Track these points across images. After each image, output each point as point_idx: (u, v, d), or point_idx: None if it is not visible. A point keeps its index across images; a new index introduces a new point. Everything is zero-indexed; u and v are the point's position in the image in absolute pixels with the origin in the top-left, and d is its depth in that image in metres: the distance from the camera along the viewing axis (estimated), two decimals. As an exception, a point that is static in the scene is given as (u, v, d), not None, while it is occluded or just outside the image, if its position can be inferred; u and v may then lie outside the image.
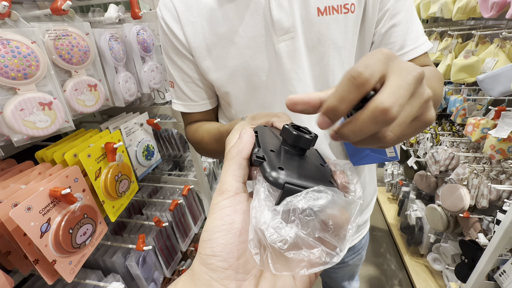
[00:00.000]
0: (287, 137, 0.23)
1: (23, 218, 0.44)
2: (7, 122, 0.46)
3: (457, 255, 1.32)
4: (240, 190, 0.22)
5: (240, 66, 0.49)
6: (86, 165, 0.58)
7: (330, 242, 0.18)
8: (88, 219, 0.57)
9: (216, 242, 0.19)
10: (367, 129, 0.18)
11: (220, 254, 0.19)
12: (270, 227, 0.17)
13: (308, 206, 0.18)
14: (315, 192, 0.18)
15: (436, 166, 1.36)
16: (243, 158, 0.24)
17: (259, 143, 0.24)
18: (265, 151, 0.22)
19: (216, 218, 0.20)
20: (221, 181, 0.22)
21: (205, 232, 0.20)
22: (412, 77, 0.19)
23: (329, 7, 0.44)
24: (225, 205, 0.20)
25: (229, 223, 0.20)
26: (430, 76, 0.46)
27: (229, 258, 0.19)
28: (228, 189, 0.21)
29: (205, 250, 0.19)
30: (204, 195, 1.08)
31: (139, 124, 0.81)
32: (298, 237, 0.17)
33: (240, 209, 0.20)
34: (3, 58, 0.44)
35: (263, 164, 0.20)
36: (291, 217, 0.18)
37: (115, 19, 0.70)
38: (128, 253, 0.78)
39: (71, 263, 0.54)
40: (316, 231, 0.18)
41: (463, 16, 1.19)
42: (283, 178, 0.19)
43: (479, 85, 1.03)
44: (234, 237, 0.19)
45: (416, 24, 0.48)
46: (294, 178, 0.19)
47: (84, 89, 0.59)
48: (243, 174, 0.23)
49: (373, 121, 0.18)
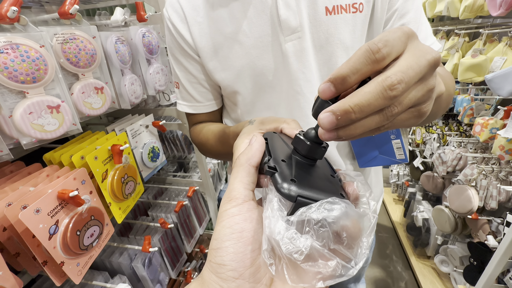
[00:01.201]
0: (299, 147, 0.23)
1: (32, 220, 0.44)
2: (16, 125, 0.47)
3: (465, 257, 1.30)
4: (248, 198, 0.22)
5: (246, 66, 0.49)
6: (93, 167, 0.58)
7: (345, 254, 0.18)
8: (95, 221, 0.57)
9: (226, 251, 0.19)
10: (374, 103, 0.17)
11: (230, 263, 0.18)
12: (285, 238, 0.17)
13: (323, 217, 0.17)
14: (329, 204, 0.18)
15: (443, 167, 1.34)
16: (252, 166, 0.23)
17: (269, 152, 0.24)
18: (276, 161, 0.22)
19: (225, 226, 0.20)
20: (229, 188, 0.22)
21: (215, 240, 0.20)
22: (425, 60, 0.18)
23: (337, 6, 0.44)
24: (234, 213, 0.20)
25: (239, 232, 0.19)
26: (443, 73, 0.45)
27: (239, 267, 0.18)
28: (236, 196, 0.21)
29: (215, 259, 0.19)
30: (209, 196, 1.08)
31: (144, 126, 0.81)
32: (313, 248, 0.17)
33: (249, 217, 0.20)
34: (13, 62, 0.44)
35: (275, 175, 0.20)
36: (306, 228, 0.18)
37: (121, 22, 0.70)
38: (134, 254, 0.79)
39: (79, 265, 0.54)
40: (330, 243, 0.18)
41: (470, 15, 1.17)
42: (295, 190, 0.19)
43: (487, 84, 1.01)
44: (244, 246, 0.19)
45: (425, 25, 0.47)
46: (306, 190, 0.19)
47: (91, 92, 0.60)
48: (252, 182, 0.23)
49: (380, 94, 0.17)
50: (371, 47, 0.18)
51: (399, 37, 0.18)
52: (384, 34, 0.18)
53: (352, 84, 0.19)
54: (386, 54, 0.18)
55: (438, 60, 0.19)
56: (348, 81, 0.18)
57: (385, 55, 0.18)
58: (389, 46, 0.18)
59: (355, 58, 0.18)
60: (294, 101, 0.49)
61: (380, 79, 0.17)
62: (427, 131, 1.66)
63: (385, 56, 0.18)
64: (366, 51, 0.18)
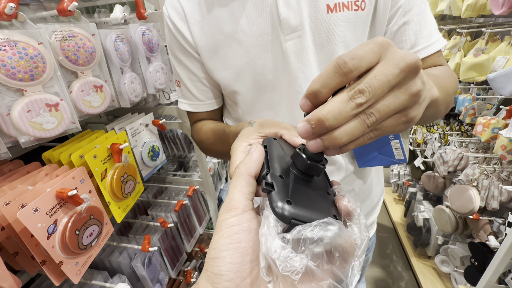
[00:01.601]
0: (298, 164, 0.23)
1: (30, 220, 0.44)
2: (14, 124, 0.46)
3: (466, 258, 1.30)
4: (248, 208, 0.22)
5: (246, 65, 0.48)
6: (92, 166, 0.58)
7: (337, 275, 0.19)
8: (94, 220, 0.57)
9: (223, 261, 0.19)
10: (344, 110, 0.18)
11: (227, 274, 0.18)
12: (281, 257, 0.17)
13: (318, 237, 0.18)
14: (324, 224, 0.18)
15: (444, 167, 1.34)
16: (251, 176, 0.24)
17: (268, 163, 0.24)
18: (274, 176, 0.22)
19: (223, 236, 0.20)
20: (229, 198, 0.22)
21: (212, 250, 0.20)
22: (397, 67, 0.18)
23: (339, 4, 0.43)
24: (233, 223, 0.20)
25: (237, 242, 0.19)
26: (442, 75, 0.44)
27: (236, 278, 0.18)
28: (236, 206, 0.21)
29: (212, 269, 0.19)
30: (209, 196, 1.07)
31: (144, 125, 0.80)
32: (308, 268, 0.17)
33: (248, 228, 0.20)
34: (10, 59, 0.44)
35: (271, 194, 0.20)
36: (301, 247, 0.18)
37: (121, 19, 0.69)
38: (134, 254, 0.78)
39: (78, 264, 0.54)
40: (324, 263, 0.18)
41: (473, 14, 1.17)
42: (290, 212, 0.19)
43: (489, 84, 1.01)
44: (242, 257, 0.19)
45: (430, 21, 0.46)
46: (301, 211, 0.19)
47: (90, 90, 0.59)
48: (251, 192, 0.23)
49: (347, 102, 0.18)
50: (338, 62, 0.18)
51: (370, 49, 0.19)
52: (355, 48, 0.19)
53: (325, 98, 0.20)
54: (353, 67, 0.18)
55: (414, 65, 0.19)
56: (320, 95, 0.20)
57: (352, 69, 0.18)
58: (357, 59, 0.18)
59: (325, 73, 0.19)
60: (295, 100, 0.49)
61: (347, 88, 0.19)
62: (428, 130, 1.65)
63: (352, 69, 0.18)
64: (334, 66, 0.19)
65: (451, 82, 0.45)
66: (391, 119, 0.20)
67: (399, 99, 0.19)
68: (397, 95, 0.19)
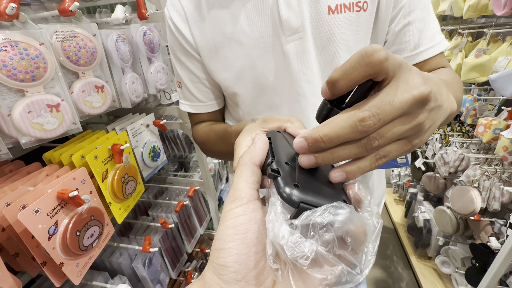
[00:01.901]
0: None
1: (31, 221, 0.44)
2: (15, 124, 0.46)
3: (467, 259, 1.29)
4: (253, 198, 0.21)
5: (247, 67, 0.48)
6: (93, 166, 0.58)
7: (350, 260, 0.18)
8: (95, 221, 0.56)
9: (229, 252, 0.18)
10: (343, 135, 0.18)
11: (233, 265, 0.18)
12: (289, 242, 0.17)
13: (328, 221, 0.17)
14: (334, 208, 0.18)
15: (445, 168, 1.34)
16: (256, 165, 0.23)
17: (273, 152, 0.23)
18: (279, 163, 0.21)
19: (229, 226, 0.19)
20: (233, 188, 0.22)
21: (218, 241, 0.19)
22: (411, 96, 0.18)
23: (340, 5, 0.43)
24: (238, 213, 0.20)
25: (243, 233, 0.19)
26: (450, 80, 0.43)
27: (242, 269, 0.18)
28: (241, 196, 0.21)
29: (217, 260, 0.19)
30: (210, 196, 1.07)
31: (145, 125, 0.80)
32: (318, 253, 0.17)
33: (254, 218, 0.20)
34: (12, 60, 0.44)
35: (278, 180, 0.20)
36: (310, 232, 0.17)
37: (122, 20, 0.69)
38: (135, 254, 0.78)
39: (79, 266, 0.53)
40: (335, 248, 0.17)
41: (474, 14, 1.16)
42: (298, 196, 0.18)
43: (491, 84, 1.00)
44: (248, 248, 0.19)
45: (433, 22, 0.46)
46: (309, 196, 0.19)
47: (91, 90, 0.59)
48: (256, 181, 0.22)
49: (349, 128, 0.18)
50: (365, 50, 0.17)
51: (393, 57, 0.18)
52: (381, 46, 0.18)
53: (345, 88, 0.19)
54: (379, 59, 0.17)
55: (426, 97, 0.18)
56: (338, 86, 0.19)
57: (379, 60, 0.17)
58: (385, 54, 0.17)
59: (349, 61, 0.18)
60: (296, 102, 0.49)
61: (353, 112, 0.18)
62: (429, 131, 1.64)
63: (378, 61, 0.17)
64: (359, 55, 0.17)
65: (459, 88, 0.44)
66: (395, 144, 0.20)
67: (406, 127, 0.19)
68: (404, 123, 0.19)
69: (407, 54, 0.47)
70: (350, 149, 0.19)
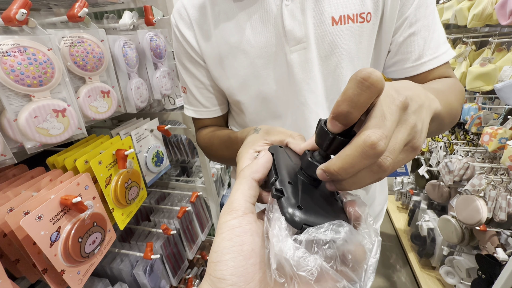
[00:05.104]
0: (308, 169, 0.23)
1: (33, 227, 0.43)
2: (21, 129, 0.46)
3: (472, 269, 1.27)
4: (249, 211, 0.21)
5: (251, 76, 0.48)
6: (97, 172, 0.57)
7: (351, 277, 0.18)
8: (97, 227, 0.56)
9: (226, 264, 0.18)
10: (358, 164, 0.18)
11: (230, 278, 0.18)
12: (295, 257, 0.17)
13: (331, 238, 0.18)
14: (336, 226, 0.19)
15: (449, 176, 1.32)
16: (256, 180, 0.24)
17: (276, 170, 0.24)
18: (282, 183, 0.22)
19: (225, 238, 0.20)
20: (230, 199, 0.22)
21: (214, 253, 0.19)
22: (395, 106, 0.19)
23: (344, 16, 0.43)
24: (234, 225, 0.20)
25: (239, 245, 0.19)
26: (445, 88, 0.42)
27: (239, 282, 0.18)
28: (237, 208, 0.21)
29: (215, 273, 0.19)
30: (212, 202, 1.06)
31: (149, 130, 0.80)
32: (323, 268, 0.17)
33: (249, 230, 0.20)
34: (20, 65, 0.44)
35: (282, 201, 0.21)
36: (314, 248, 0.18)
37: (130, 25, 0.70)
38: (136, 261, 0.77)
39: (80, 273, 0.52)
40: (338, 264, 0.18)
41: (479, 23, 1.17)
42: (301, 217, 0.19)
43: (497, 93, 1.00)
44: (244, 260, 0.19)
45: (438, 32, 0.46)
46: (311, 217, 0.19)
47: (97, 95, 0.59)
48: (254, 196, 0.23)
49: (363, 155, 0.18)
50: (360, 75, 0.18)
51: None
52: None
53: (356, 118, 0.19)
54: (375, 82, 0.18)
55: (404, 102, 0.20)
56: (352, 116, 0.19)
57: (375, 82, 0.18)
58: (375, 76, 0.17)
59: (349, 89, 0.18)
60: (299, 111, 0.49)
61: (360, 140, 0.18)
62: (433, 139, 1.64)
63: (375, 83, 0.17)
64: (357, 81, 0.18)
65: (455, 95, 0.43)
66: (402, 154, 0.20)
67: (405, 134, 0.20)
68: (402, 131, 0.20)
69: (410, 64, 0.46)
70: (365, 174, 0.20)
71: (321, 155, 0.23)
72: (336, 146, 0.20)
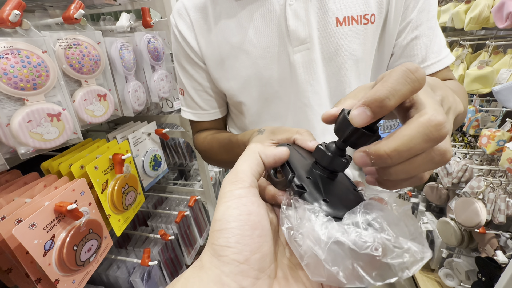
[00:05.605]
0: (323, 160, 0.22)
1: (26, 236, 0.41)
2: (14, 134, 0.44)
3: (471, 272, 1.27)
4: (254, 184, 0.20)
5: (253, 76, 0.48)
6: (93, 177, 0.56)
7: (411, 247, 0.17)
8: (93, 235, 0.54)
9: (231, 232, 0.17)
10: (416, 147, 0.16)
11: (235, 245, 0.17)
12: (352, 237, 0.16)
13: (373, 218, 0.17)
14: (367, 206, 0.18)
15: (448, 178, 1.32)
16: (263, 161, 0.22)
17: (290, 167, 0.23)
18: (301, 178, 0.21)
19: (231, 206, 0.18)
20: (236, 169, 0.21)
21: (218, 222, 0.18)
22: (436, 101, 0.18)
23: (348, 18, 0.43)
24: (241, 194, 0.19)
25: (246, 214, 0.18)
26: (457, 90, 0.43)
27: (245, 251, 0.17)
28: (243, 179, 0.20)
29: (218, 241, 0.17)
30: (211, 206, 1.05)
31: (147, 134, 0.79)
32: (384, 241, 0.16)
33: (256, 202, 0.19)
34: (13, 68, 0.42)
35: (305, 196, 0.20)
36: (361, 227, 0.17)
37: (127, 27, 0.69)
38: (133, 267, 0.75)
39: (75, 282, 0.51)
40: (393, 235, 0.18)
41: (476, 26, 1.17)
42: (328, 211, 0.19)
43: (495, 96, 1.01)
44: (251, 230, 0.18)
45: (439, 36, 0.46)
46: (337, 209, 0.19)
47: (94, 99, 0.58)
48: (259, 172, 0.22)
49: (425, 137, 0.16)
50: (408, 67, 0.17)
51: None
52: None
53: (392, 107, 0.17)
54: (423, 76, 0.17)
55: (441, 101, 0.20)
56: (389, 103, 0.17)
57: (423, 76, 0.17)
58: (424, 71, 0.17)
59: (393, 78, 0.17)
60: (301, 113, 0.48)
61: (424, 120, 0.16)
62: (431, 141, 1.64)
63: (423, 76, 0.17)
64: (403, 71, 0.17)
65: (465, 97, 0.45)
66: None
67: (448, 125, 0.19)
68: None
69: None
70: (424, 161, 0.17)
71: (338, 147, 0.22)
72: (357, 138, 0.19)
